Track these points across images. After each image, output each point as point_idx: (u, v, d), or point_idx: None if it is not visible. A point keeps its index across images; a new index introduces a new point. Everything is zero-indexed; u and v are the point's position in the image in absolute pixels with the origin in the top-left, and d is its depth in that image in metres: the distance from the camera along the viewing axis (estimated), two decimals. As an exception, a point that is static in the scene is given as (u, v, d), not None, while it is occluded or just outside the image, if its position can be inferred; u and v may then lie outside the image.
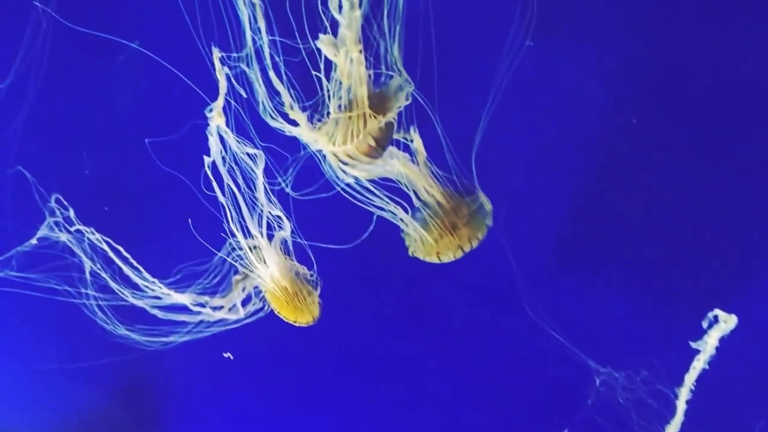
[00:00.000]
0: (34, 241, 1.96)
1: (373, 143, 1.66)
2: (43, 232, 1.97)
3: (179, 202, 1.85)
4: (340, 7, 1.54)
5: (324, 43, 1.58)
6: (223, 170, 1.71)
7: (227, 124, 1.68)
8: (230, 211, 1.77)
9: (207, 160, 1.70)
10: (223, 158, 1.70)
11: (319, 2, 1.57)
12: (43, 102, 1.90)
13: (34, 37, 1.81)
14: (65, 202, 1.94)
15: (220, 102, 1.66)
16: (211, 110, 1.67)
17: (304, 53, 1.61)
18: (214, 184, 1.73)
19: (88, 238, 1.95)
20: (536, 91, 1.78)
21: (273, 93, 1.64)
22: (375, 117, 1.64)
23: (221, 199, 1.74)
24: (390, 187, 1.76)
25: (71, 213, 1.93)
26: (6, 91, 1.87)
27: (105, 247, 1.94)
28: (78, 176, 1.97)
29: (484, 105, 1.74)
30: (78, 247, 1.97)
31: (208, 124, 1.68)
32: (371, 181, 1.73)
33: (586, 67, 1.77)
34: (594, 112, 1.82)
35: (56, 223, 1.96)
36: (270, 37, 1.60)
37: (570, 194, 1.89)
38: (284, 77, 1.63)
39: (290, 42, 1.60)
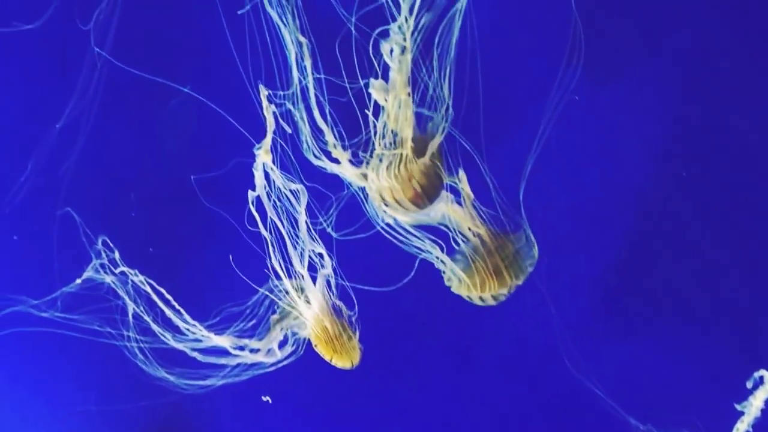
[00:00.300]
0: (78, 281, 1.99)
1: (419, 188, 1.66)
2: (88, 273, 1.99)
3: (222, 240, 1.87)
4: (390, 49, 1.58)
5: (376, 89, 1.61)
6: (267, 205, 1.72)
7: (272, 161, 1.71)
8: (273, 249, 1.78)
9: (251, 194, 1.72)
10: (268, 194, 1.72)
11: (370, 47, 1.60)
12: (94, 143, 1.93)
13: (89, 79, 1.85)
14: (111, 244, 1.97)
15: (268, 140, 1.69)
16: (259, 148, 1.70)
17: (350, 93, 1.63)
18: (258, 219, 1.74)
19: (132, 280, 1.97)
20: (583, 139, 1.79)
21: (317, 131, 1.67)
22: (419, 159, 1.66)
23: (264, 233, 1.75)
24: (432, 226, 1.76)
25: (116, 255, 1.96)
26: (59, 131, 1.91)
27: (148, 289, 1.96)
28: (125, 218, 2.00)
29: (529, 151, 1.74)
30: (122, 289, 1.99)
31: (253, 162, 1.71)
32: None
33: (637, 117, 1.78)
34: (643, 163, 1.82)
35: (101, 265, 1.98)
36: (316, 76, 1.63)
37: (614, 245, 1.88)
38: (328, 116, 1.65)
39: (336, 80, 1.64)
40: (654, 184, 1.84)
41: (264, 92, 1.68)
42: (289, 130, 1.68)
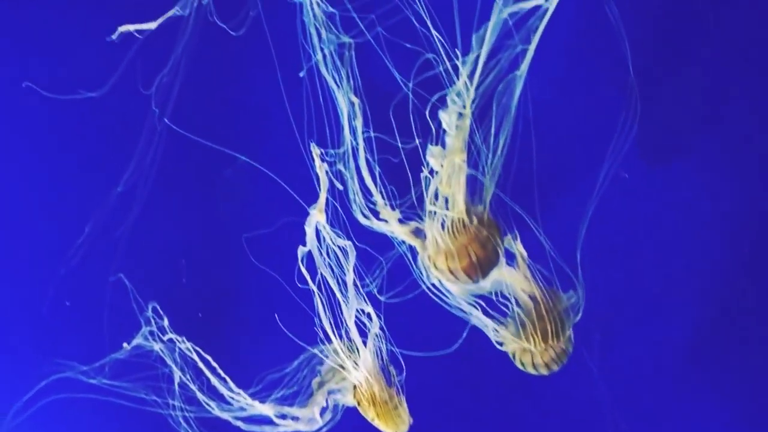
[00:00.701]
0: (127, 348, 2.00)
1: (474, 258, 1.66)
2: (137, 341, 2.00)
3: (270, 301, 1.87)
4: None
5: (434, 156, 1.63)
6: (317, 259, 1.73)
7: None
8: (321, 308, 1.77)
9: (302, 250, 1.73)
10: (317, 251, 1.73)
11: (427, 112, 1.62)
12: (150, 209, 1.97)
13: (149, 144, 1.90)
14: (161, 311, 1.98)
15: (321, 198, 1.71)
16: (313, 207, 1.71)
17: (403, 154, 1.65)
18: (307, 276, 1.75)
19: (179, 348, 1.97)
20: (639, 210, 1.78)
21: (367, 191, 1.68)
22: (474, 225, 1.66)
23: (313, 288, 1.75)
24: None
25: (165, 322, 1.97)
26: (118, 196, 1.95)
27: (195, 357, 1.96)
28: (175, 284, 2.02)
29: (582, 220, 1.73)
30: (169, 357, 1.99)
31: (302, 221, 1.73)
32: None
33: (696, 191, 1.77)
34: (698, 240, 1.80)
35: (150, 332, 1.99)
36: (369, 134, 1.66)
37: (669, 323, 1.85)
38: (377, 176, 1.67)
39: (389, 139, 1.66)
40: (713, 263, 1.82)
41: (316, 151, 1.70)
42: (341, 187, 1.70)
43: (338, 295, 1.73)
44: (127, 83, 1.85)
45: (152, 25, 1.77)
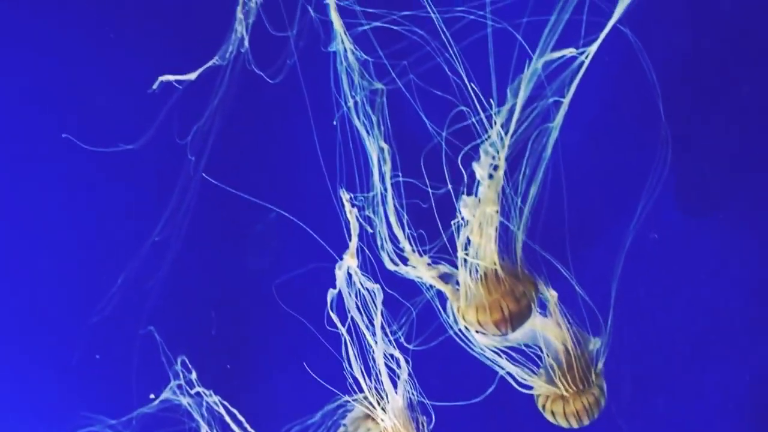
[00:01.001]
0: (156, 402, 1.99)
1: (507, 312, 1.65)
2: (165, 394, 2.00)
3: (299, 349, 1.86)
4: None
5: (468, 206, 1.63)
6: (348, 300, 1.72)
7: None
8: (351, 352, 1.76)
9: (331, 292, 1.72)
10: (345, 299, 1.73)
11: (459, 160, 1.63)
12: (182, 260, 1.98)
13: (183, 194, 1.92)
14: (189, 365, 1.98)
15: (353, 243, 1.71)
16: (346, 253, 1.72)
17: (432, 200, 1.66)
18: (336, 320, 1.74)
19: (207, 401, 1.96)
20: (669, 259, 1.76)
21: (395, 236, 1.68)
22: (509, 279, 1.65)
23: (342, 331, 1.74)
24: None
25: (194, 375, 1.96)
26: (150, 247, 1.97)
27: (222, 411, 1.95)
28: (204, 335, 2.02)
29: (613, 269, 1.72)
30: (197, 411, 1.98)
31: (331, 267, 1.73)
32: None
33: (724, 241, 1.75)
34: (729, 294, 1.78)
35: (179, 386, 1.99)
36: (399, 179, 1.67)
37: (700, 380, 1.82)
38: (405, 222, 1.68)
39: (419, 183, 1.67)
40: (746, 318, 1.79)
41: (346, 196, 1.71)
42: (370, 230, 1.70)
43: (368, 336, 1.72)
44: (164, 133, 1.87)
45: (192, 76, 1.80)
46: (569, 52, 1.58)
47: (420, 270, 1.68)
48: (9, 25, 1.94)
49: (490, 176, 1.63)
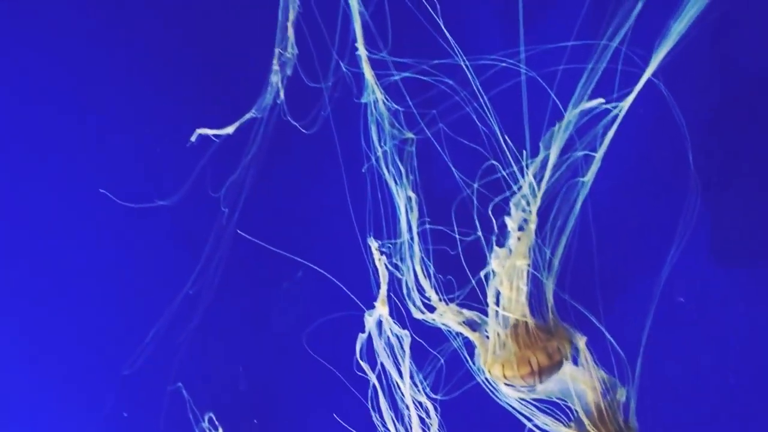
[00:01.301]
0: (178, 456, 1.98)
1: (536, 365, 1.63)
2: (191, 452, 1.99)
3: (327, 399, 1.85)
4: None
5: (498, 258, 1.63)
6: (377, 343, 1.71)
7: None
8: (380, 398, 1.74)
9: (361, 337, 1.71)
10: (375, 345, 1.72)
11: (490, 211, 1.64)
12: (211, 315, 1.98)
13: (214, 250, 1.93)
14: (216, 422, 1.97)
15: (383, 291, 1.71)
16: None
17: (460, 248, 1.66)
18: (366, 368, 1.72)
19: (232, 458, 1.95)
20: (700, 314, 1.73)
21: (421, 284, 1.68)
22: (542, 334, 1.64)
23: (371, 378, 1.72)
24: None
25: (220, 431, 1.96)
26: (182, 299, 1.98)
27: (247, 469, 1.93)
28: (232, 390, 2.01)
29: (644, 323, 1.70)
30: (221, 469, 1.97)
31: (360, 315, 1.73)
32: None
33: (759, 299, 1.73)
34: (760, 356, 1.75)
35: (205, 443, 1.98)
36: (425, 227, 1.67)
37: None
38: (431, 270, 1.67)
39: (447, 230, 1.67)
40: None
41: (374, 244, 1.72)
42: (400, 276, 1.70)
43: (397, 383, 1.70)
44: (198, 185, 1.90)
45: (230, 130, 1.83)
46: (598, 102, 1.59)
47: (447, 318, 1.67)
48: (47, 81, 1.98)
49: (521, 228, 1.63)
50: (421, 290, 1.69)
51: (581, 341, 1.65)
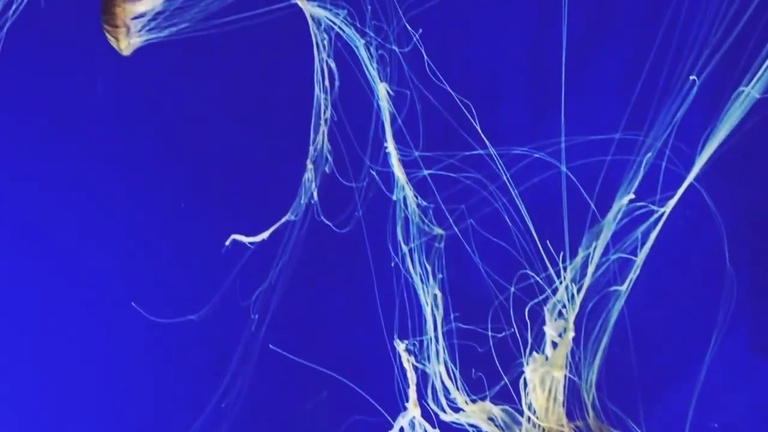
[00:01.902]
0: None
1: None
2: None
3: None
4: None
5: (537, 364, 1.57)
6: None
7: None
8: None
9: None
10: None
11: (526, 314, 1.59)
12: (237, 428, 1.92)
13: (245, 357, 1.89)
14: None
15: (412, 393, 1.64)
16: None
17: (492, 343, 1.60)
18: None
19: None
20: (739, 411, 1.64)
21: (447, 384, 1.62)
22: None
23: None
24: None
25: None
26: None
27: None
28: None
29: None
30: None
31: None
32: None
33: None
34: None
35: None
36: (456, 325, 1.62)
37: None
38: (457, 372, 1.61)
39: (478, 328, 1.61)
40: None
41: (401, 346, 1.66)
42: (429, 371, 1.64)
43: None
44: (228, 295, 1.88)
45: (264, 235, 1.81)
46: (627, 199, 1.56)
47: (475, 418, 1.59)
48: (77, 194, 2.02)
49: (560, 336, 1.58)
50: (446, 391, 1.62)
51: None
